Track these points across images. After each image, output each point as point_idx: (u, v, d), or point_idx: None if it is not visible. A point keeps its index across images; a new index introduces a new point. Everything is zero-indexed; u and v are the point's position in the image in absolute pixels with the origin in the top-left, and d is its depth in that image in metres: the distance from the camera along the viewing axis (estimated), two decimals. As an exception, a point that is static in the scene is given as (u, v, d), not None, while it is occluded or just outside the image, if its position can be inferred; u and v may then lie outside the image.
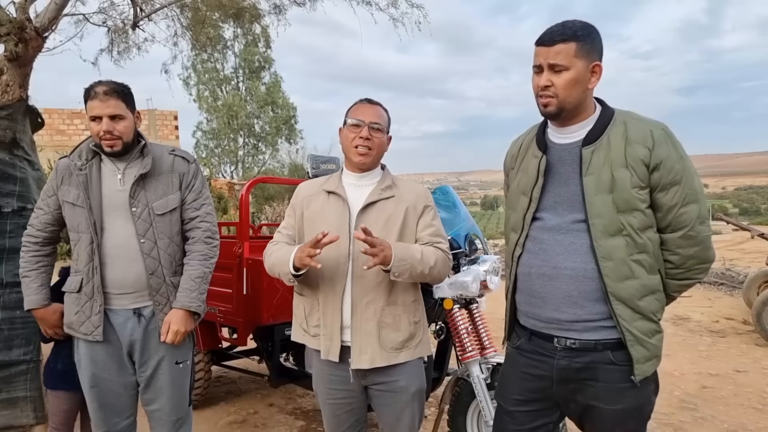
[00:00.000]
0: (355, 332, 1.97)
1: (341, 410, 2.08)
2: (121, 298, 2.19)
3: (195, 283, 2.24)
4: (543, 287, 1.71)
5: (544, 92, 1.62)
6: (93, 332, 2.16)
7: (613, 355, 1.63)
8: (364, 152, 1.98)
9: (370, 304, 1.96)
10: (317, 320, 2.04)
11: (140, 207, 2.17)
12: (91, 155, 2.20)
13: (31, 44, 3.11)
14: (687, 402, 4.22)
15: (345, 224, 1.97)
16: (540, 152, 1.73)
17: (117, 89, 2.13)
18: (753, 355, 5.57)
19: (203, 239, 2.30)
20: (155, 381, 2.24)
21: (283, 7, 5.32)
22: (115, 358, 2.21)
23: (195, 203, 2.31)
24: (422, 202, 2.06)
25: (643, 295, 1.62)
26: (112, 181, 2.19)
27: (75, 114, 15.51)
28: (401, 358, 2.02)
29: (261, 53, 26.83)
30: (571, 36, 1.57)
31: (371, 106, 2.03)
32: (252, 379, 4.56)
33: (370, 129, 1.97)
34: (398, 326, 2.00)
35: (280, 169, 24.06)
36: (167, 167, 2.27)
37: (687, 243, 1.63)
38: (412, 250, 1.91)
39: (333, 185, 2.04)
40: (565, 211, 1.68)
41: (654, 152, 1.57)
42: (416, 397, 2.07)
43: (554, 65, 1.59)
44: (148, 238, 2.18)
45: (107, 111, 2.10)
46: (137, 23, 4.59)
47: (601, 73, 1.62)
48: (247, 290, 3.47)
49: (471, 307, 2.93)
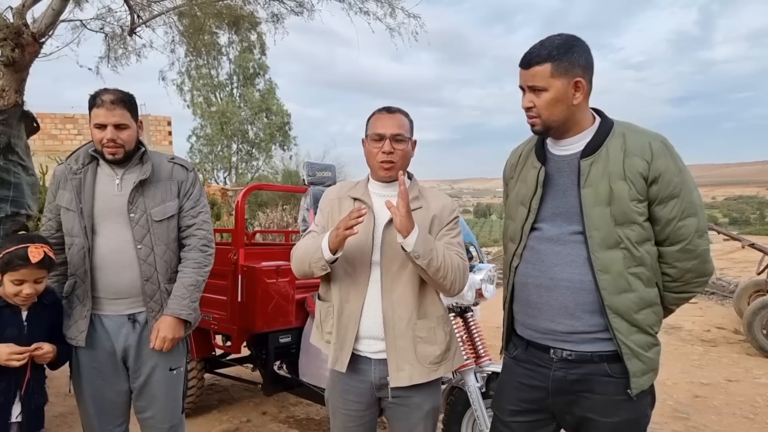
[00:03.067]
0: (390, 348, 1.91)
1: (353, 423, 2.02)
2: (116, 303, 2.18)
3: (187, 291, 2.23)
4: (540, 298, 1.71)
5: (528, 112, 1.66)
6: (77, 337, 2.16)
7: (610, 368, 1.63)
8: (389, 167, 1.93)
9: (402, 318, 1.91)
10: (330, 327, 2.00)
11: (138, 213, 2.18)
12: (89, 160, 2.21)
13: (27, 50, 3.11)
14: (680, 411, 4.24)
15: (369, 233, 1.92)
16: (539, 163, 1.73)
17: (124, 98, 2.15)
18: (744, 365, 5.60)
19: (199, 247, 2.30)
20: (149, 388, 2.23)
21: (281, 16, 5.35)
22: (110, 364, 2.21)
23: (192, 211, 2.32)
24: (448, 215, 2.00)
25: (641, 308, 1.62)
26: (108, 186, 2.20)
27: (68, 119, 15.44)
28: (440, 372, 1.97)
29: (256, 60, 26.86)
30: (546, 57, 1.58)
31: (391, 116, 1.96)
32: (245, 387, 4.54)
33: (392, 141, 1.91)
34: (434, 339, 1.94)
35: (274, 176, 24.01)
36: (166, 174, 2.28)
37: (685, 256, 1.63)
38: (435, 242, 1.87)
39: (359, 192, 2.00)
40: (564, 223, 1.68)
41: (653, 165, 1.57)
42: (430, 415, 2.01)
43: (533, 87, 1.62)
44: (145, 244, 2.18)
45: (113, 120, 2.11)
46: (134, 30, 4.59)
47: (587, 88, 1.62)
48: (242, 297, 3.46)
49: (466, 316, 2.94)
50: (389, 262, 1.91)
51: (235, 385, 4.61)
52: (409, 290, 1.91)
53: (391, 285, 1.91)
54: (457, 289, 1.92)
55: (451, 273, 1.86)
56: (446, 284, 1.87)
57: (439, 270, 1.82)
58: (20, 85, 3.20)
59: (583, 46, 1.61)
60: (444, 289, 1.91)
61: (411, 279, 1.91)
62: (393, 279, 1.91)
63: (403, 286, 1.91)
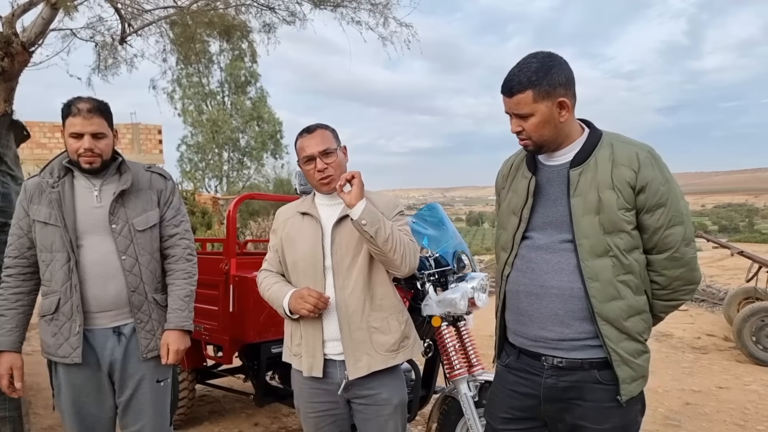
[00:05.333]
0: (347, 343, 2.01)
1: (325, 422, 2.10)
2: (100, 317, 2.14)
3: (184, 303, 2.24)
4: (530, 306, 1.72)
5: (519, 136, 1.69)
6: (71, 354, 2.09)
7: (600, 375, 1.64)
8: (327, 181, 2.04)
9: (355, 312, 2.01)
10: (299, 338, 2.08)
11: (120, 224, 2.15)
12: (64, 172, 2.15)
13: (17, 59, 3.10)
14: (671, 419, 4.25)
15: (319, 241, 2.05)
16: (530, 173, 1.76)
17: (100, 107, 2.10)
18: (735, 372, 5.63)
19: (185, 257, 2.30)
20: (135, 401, 2.20)
21: (273, 26, 5.36)
22: (95, 380, 2.16)
23: (174, 220, 2.31)
24: (392, 209, 2.11)
25: (630, 315, 1.64)
26: (87, 198, 2.15)
27: (56, 127, 15.32)
28: (399, 359, 2.07)
29: (247, 68, 26.86)
30: (526, 84, 1.59)
31: (312, 136, 2.06)
32: (237, 398, 4.50)
33: (322, 158, 2.02)
34: (388, 329, 2.06)
35: (265, 185, 23.98)
36: (145, 184, 2.25)
37: (673, 264, 1.65)
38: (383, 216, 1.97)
39: (306, 207, 2.13)
40: (554, 231, 1.70)
41: (640, 174, 1.60)
42: (399, 410, 2.11)
43: (518, 114, 1.64)
44: (129, 254, 2.15)
45: (90, 129, 2.06)
46: (125, 39, 4.59)
47: (571, 103, 1.64)
48: (233, 307, 3.43)
49: (458, 325, 2.94)
50: (339, 262, 2.02)
51: (227, 395, 4.58)
52: (360, 284, 2.02)
53: (343, 283, 2.02)
54: (407, 265, 2.00)
55: (400, 247, 1.95)
56: (396, 258, 1.95)
57: (388, 241, 1.91)
58: (9, 94, 3.18)
59: (561, 64, 1.62)
60: (395, 265, 1.98)
61: (361, 273, 2.02)
62: (344, 277, 2.02)
63: (354, 282, 2.02)
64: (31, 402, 4.10)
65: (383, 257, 1.97)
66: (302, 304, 1.96)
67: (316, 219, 2.08)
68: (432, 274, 2.81)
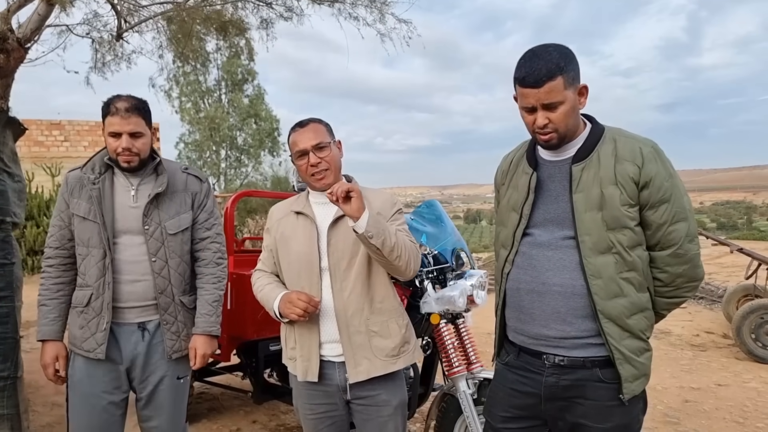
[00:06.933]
0: (346, 346, 1.97)
1: (324, 424, 2.07)
2: (127, 312, 2.16)
3: (212, 308, 2.27)
4: (531, 303, 1.71)
5: (543, 129, 1.61)
6: (96, 350, 2.11)
7: (602, 373, 1.63)
8: (321, 176, 1.98)
9: (354, 315, 1.97)
10: (294, 342, 2.06)
11: (153, 226, 2.16)
12: (104, 169, 2.17)
13: (13, 55, 3.07)
14: (670, 416, 4.24)
15: (314, 242, 1.99)
16: (530, 169, 1.73)
17: (138, 106, 2.12)
18: (733, 369, 5.63)
19: (215, 261, 2.32)
20: (156, 397, 2.21)
21: (270, 22, 5.34)
22: (112, 375, 2.17)
23: (206, 223, 2.31)
24: (390, 207, 2.05)
25: (632, 313, 1.62)
26: (125, 197, 2.17)
27: (54, 125, 15.27)
28: (399, 364, 2.03)
29: (244, 66, 26.80)
30: (556, 70, 1.54)
31: (305, 129, 2.01)
32: (235, 396, 4.49)
33: (315, 152, 1.96)
34: (388, 333, 2.01)
35: (263, 182, 23.94)
36: (181, 186, 2.26)
37: (676, 261, 1.64)
38: (386, 223, 1.91)
39: (300, 206, 2.07)
40: (555, 228, 1.68)
41: (643, 170, 1.58)
42: (399, 410, 2.08)
43: (549, 104, 1.57)
44: (159, 257, 2.16)
45: (128, 128, 2.08)
46: (121, 35, 4.56)
47: (588, 90, 1.63)
48: (232, 305, 3.42)
49: (457, 322, 2.93)
50: (336, 264, 1.97)
51: (225, 393, 4.56)
52: (359, 287, 1.97)
53: (341, 285, 1.97)
54: (411, 270, 1.97)
55: (405, 253, 1.90)
56: (401, 265, 1.91)
57: (394, 249, 1.85)
58: (5, 90, 3.16)
59: (574, 53, 1.61)
60: (399, 271, 1.95)
61: (359, 276, 1.97)
62: (342, 279, 1.97)
63: (352, 284, 1.97)
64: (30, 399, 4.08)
65: (388, 265, 1.91)
66: (291, 308, 1.90)
67: (311, 219, 2.02)
68: (431, 272, 2.80)
